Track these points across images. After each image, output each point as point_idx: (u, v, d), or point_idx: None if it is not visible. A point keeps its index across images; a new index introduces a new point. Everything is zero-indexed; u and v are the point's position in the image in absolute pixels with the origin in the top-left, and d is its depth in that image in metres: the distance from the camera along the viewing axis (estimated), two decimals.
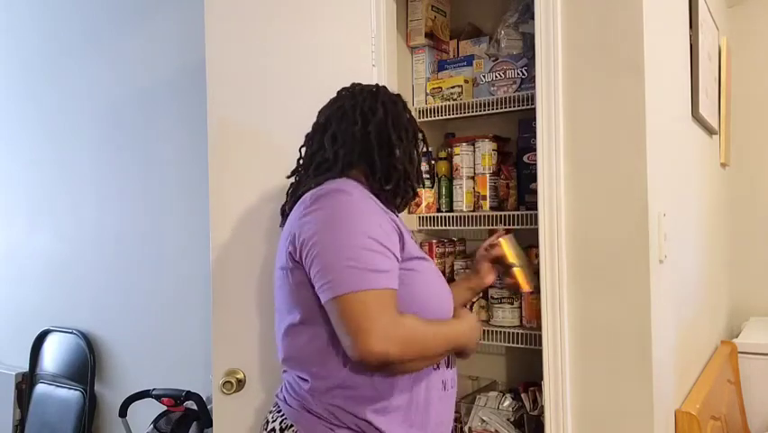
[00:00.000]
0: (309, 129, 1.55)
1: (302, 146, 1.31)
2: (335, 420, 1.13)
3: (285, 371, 1.24)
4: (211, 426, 2.00)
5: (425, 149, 1.33)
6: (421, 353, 1.09)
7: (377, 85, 1.31)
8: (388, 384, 1.13)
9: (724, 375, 2.00)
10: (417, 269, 1.15)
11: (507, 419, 1.60)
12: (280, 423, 1.17)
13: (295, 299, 1.16)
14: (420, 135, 1.30)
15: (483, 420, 1.60)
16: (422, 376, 1.16)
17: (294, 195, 1.25)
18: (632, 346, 1.31)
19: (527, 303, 1.61)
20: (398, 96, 1.30)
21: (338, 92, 1.31)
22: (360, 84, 1.32)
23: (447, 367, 1.21)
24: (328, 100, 1.39)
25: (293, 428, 1.15)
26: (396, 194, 1.24)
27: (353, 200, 1.10)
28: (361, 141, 1.22)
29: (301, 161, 1.30)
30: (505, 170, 1.67)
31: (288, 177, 1.31)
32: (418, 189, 1.32)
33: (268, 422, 1.20)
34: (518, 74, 1.66)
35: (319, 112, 1.30)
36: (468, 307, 1.60)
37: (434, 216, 1.71)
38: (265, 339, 1.56)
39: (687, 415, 1.50)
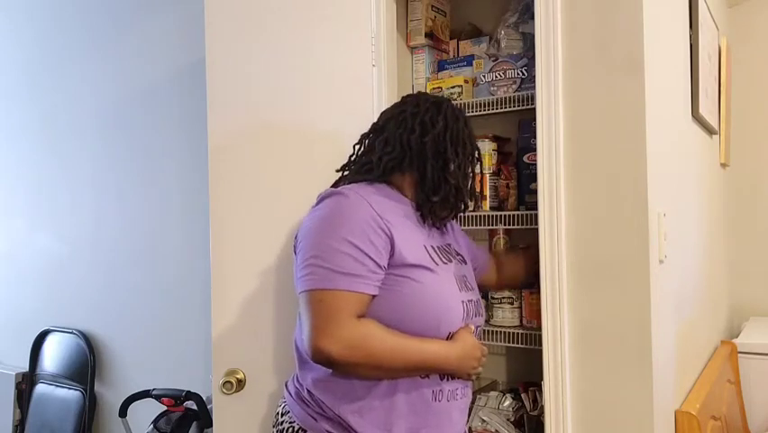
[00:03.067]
0: (308, 128, 1.56)
1: (356, 143, 1.32)
2: (320, 411, 1.17)
3: None
4: (211, 426, 2.00)
5: (479, 167, 1.33)
6: (369, 360, 1.09)
7: (442, 97, 1.33)
8: (367, 386, 1.14)
9: (724, 375, 2.00)
10: (414, 277, 1.14)
11: (507, 419, 1.60)
12: (282, 408, 1.25)
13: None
14: (477, 153, 1.31)
15: (483, 420, 1.60)
16: (405, 384, 1.16)
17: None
18: (632, 346, 1.31)
19: (527, 303, 1.61)
20: (461, 111, 1.31)
21: (402, 97, 1.32)
22: (426, 93, 1.34)
23: (443, 379, 1.20)
24: (328, 99, 1.39)
25: (289, 414, 1.22)
26: (443, 207, 1.24)
27: (346, 203, 1.14)
28: (415, 150, 1.23)
29: (353, 158, 1.32)
30: (505, 170, 1.67)
31: (338, 170, 1.33)
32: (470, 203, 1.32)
33: (277, 406, 1.29)
34: (518, 74, 1.66)
35: (381, 114, 1.32)
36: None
37: None
38: (265, 339, 1.56)
39: (687, 415, 1.49)
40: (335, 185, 1.30)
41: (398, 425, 1.15)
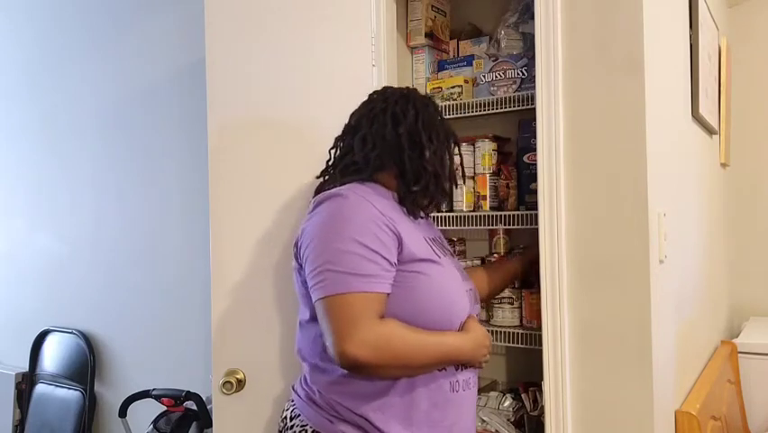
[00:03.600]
0: (308, 128, 1.55)
1: (331, 148, 1.32)
2: (336, 414, 1.16)
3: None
4: (211, 426, 2.00)
5: (457, 150, 1.32)
6: (395, 360, 1.09)
7: (408, 87, 1.33)
8: (386, 384, 1.14)
9: (724, 375, 2.00)
10: (424, 271, 1.15)
11: (508, 419, 1.59)
12: (291, 412, 1.24)
13: (303, 297, 1.21)
14: (452, 138, 1.31)
15: (483, 420, 1.60)
16: (423, 378, 1.16)
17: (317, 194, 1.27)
18: (632, 346, 1.31)
19: (527, 303, 1.61)
20: (429, 98, 1.31)
21: (369, 95, 1.32)
22: (391, 87, 1.34)
23: (457, 370, 1.21)
24: (328, 99, 1.38)
25: (300, 417, 1.21)
26: (424, 195, 1.24)
27: (348, 204, 1.13)
28: (391, 143, 1.23)
29: (330, 162, 1.32)
30: (505, 169, 1.67)
31: (318, 177, 1.33)
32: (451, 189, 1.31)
33: (284, 410, 1.27)
34: (518, 74, 1.66)
35: (351, 114, 1.31)
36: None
37: (434, 216, 1.71)
38: (265, 339, 1.56)
39: (687, 415, 1.49)
40: (319, 190, 1.28)
41: (419, 418, 1.16)
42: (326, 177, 1.31)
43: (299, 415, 1.21)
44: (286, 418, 1.24)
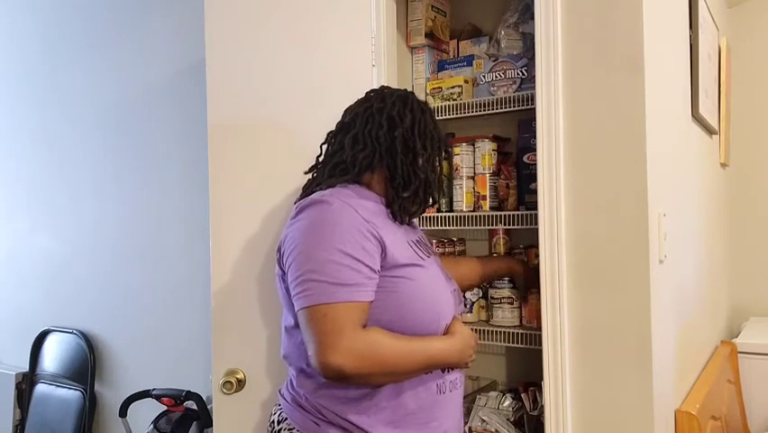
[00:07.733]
0: (308, 129, 1.55)
1: (323, 143, 1.31)
2: (322, 417, 1.16)
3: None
4: (211, 426, 2.00)
5: (447, 158, 1.32)
6: (380, 369, 1.09)
7: (406, 90, 1.31)
8: (373, 389, 1.14)
9: (724, 375, 2.00)
10: (408, 276, 1.15)
11: (507, 419, 1.60)
12: (278, 416, 1.23)
13: (288, 302, 1.19)
14: (444, 146, 1.30)
15: (483, 420, 1.60)
16: (410, 382, 1.16)
17: (306, 192, 1.27)
18: (632, 346, 1.31)
19: (527, 303, 1.61)
20: (426, 103, 1.30)
21: (366, 93, 1.30)
22: (389, 87, 1.33)
23: (444, 372, 1.21)
24: (328, 99, 1.38)
25: (287, 421, 1.20)
26: (413, 202, 1.24)
27: (332, 211, 1.11)
28: (385, 145, 1.22)
29: (321, 158, 1.31)
30: (505, 170, 1.67)
31: (306, 173, 1.32)
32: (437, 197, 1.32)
33: (271, 414, 1.26)
34: (518, 74, 1.66)
35: (345, 110, 1.29)
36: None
37: (433, 217, 1.71)
38: (265, 339, 1.56)
39: (687, 415, 1.50)
40: (307, 187, 1.27)
41: (407, 421, 1.16)
42: (314, 174, 1.30)
43: (286, 419, 1.20)
44: (273, 422, 1.23)
